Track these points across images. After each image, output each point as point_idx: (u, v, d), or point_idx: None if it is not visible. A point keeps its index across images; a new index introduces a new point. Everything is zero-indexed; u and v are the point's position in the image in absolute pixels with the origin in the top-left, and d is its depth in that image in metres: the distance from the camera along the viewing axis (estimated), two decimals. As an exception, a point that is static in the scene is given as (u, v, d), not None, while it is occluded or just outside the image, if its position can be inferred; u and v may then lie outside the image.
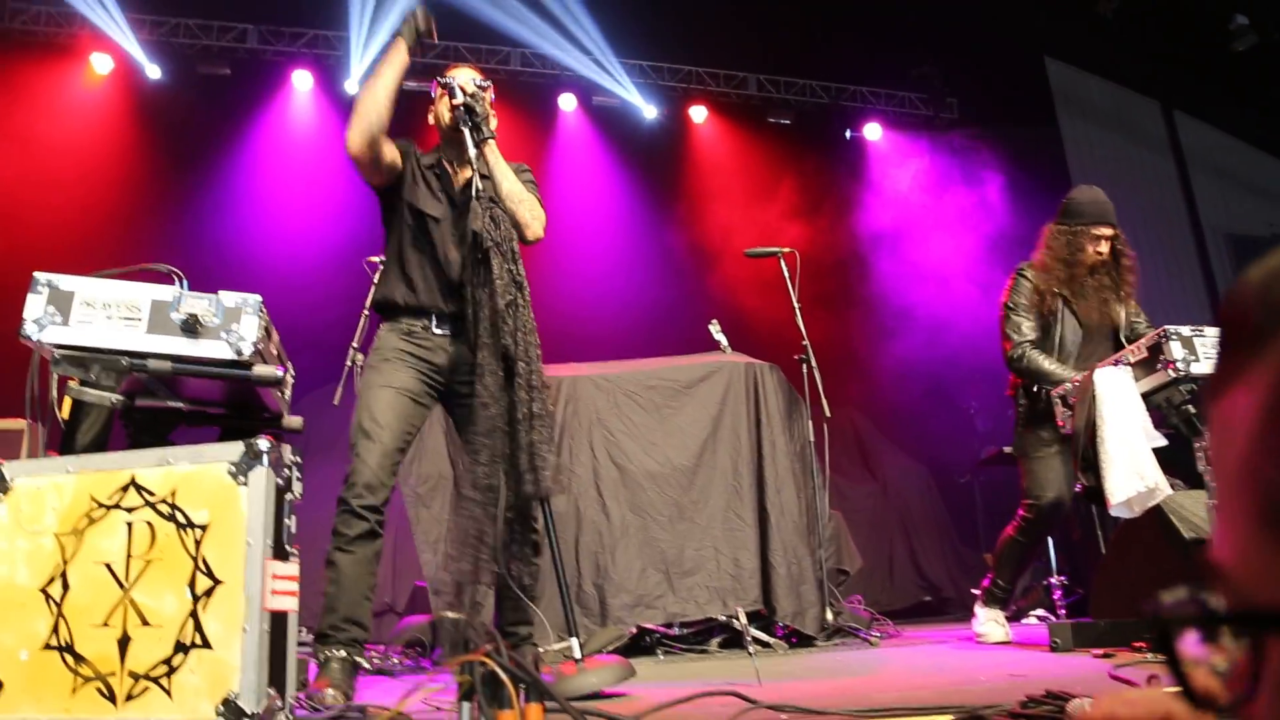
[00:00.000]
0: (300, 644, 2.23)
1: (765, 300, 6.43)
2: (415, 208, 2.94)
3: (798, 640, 4.17)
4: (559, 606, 3.94)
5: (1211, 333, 3.02)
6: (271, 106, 7.99)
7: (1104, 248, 3.80)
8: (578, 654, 2.56)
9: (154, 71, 7.65)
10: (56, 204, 7.00)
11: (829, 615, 4.27)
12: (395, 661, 3.88)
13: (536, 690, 1.20)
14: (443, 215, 2.94)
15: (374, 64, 2.93)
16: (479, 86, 2.95)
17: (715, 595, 4.13)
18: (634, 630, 4.00)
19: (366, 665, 2.61)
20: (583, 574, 4.10)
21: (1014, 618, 4.49)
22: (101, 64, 7.57)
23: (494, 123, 2.96)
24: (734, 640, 4.08)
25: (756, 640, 3.96)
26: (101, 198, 7.19)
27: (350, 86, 8.05)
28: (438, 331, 2.88)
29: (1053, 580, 5.90)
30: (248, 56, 7.97)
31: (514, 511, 2.65)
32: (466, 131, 2.80)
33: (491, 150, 2.85)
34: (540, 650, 3.21)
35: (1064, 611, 5.83)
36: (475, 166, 2.79)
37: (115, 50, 7.56)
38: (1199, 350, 2.97)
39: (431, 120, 3.08)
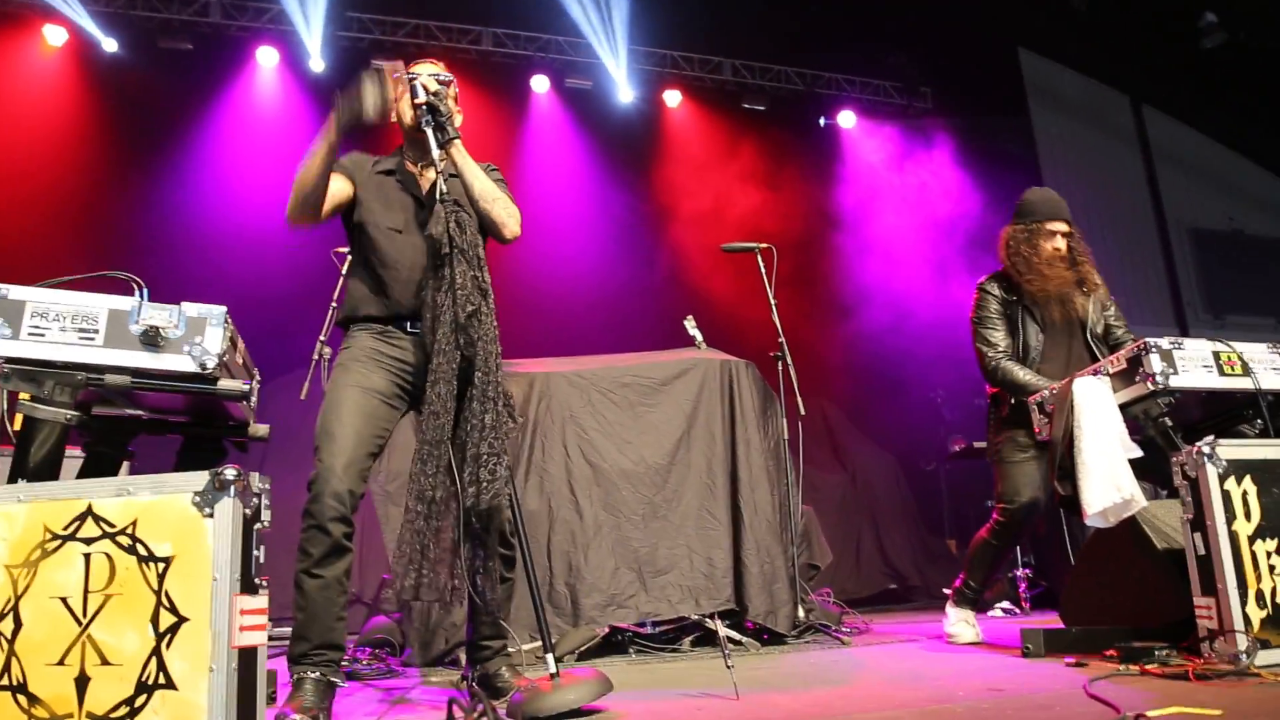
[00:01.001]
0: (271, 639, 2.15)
1: (741, 293, 6.39)
2: (372, 225, 2.82)
3: (769, 637, 4.16)
4: (530, 607, 3.94)
5: (1191, 345, 3.02)
6: (235, 84, 7.77)
7: (1061, 243, 3.89)
8: (552, 668, 2.51)
9: (110, 45, 7.39)
10: (2, 186, 6.74)
11: (800, 613, 4.27)
12: (363, 663, 3.81)
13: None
14: (405, 224, 2.82)
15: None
16: (441, 83, 2.82)
17: (688, 594, 4.10)
18: (606, 630, 3.97)
19: (341, 683, 2.53)
20: (555, 573, 4.05)
21: (980, 609, 4.52)
22: (55, 35, 7.29)
23: (459, 120, 2.85)
24: (706, 639, 4.07)
25: (728, 640, 3.94)
26: (55, 178, 6.94)
27: (315, 65, 7.84)
28: (412, 330, 2.77)
29: (1018, 573, 5.97)
30: (210, 31, 7.74)
31: (480, 524, 2.58)
32: (430, 132, 2.69)
33: (458, 151, 2.74)
34: (512, 653, 3.17)
35: (1029, 604, 5.91)
36: (440, 167, 2.69)
37: (69, 22, 7.28)
38: (1178, 363, 2.97)
39: (392, 117, 2.90)
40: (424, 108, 2.71)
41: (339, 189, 2.82)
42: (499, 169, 3.03)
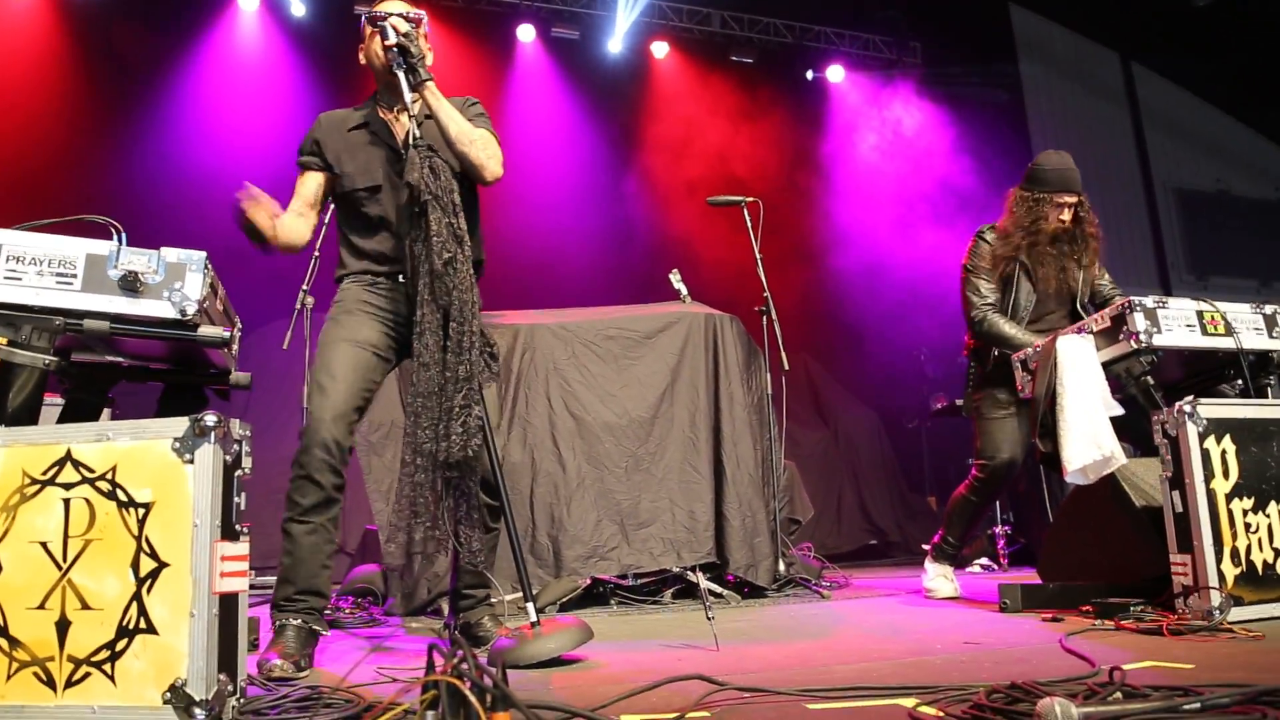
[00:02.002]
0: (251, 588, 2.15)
1: (726, 247, 6.36)
2: (351, 189, 2.80)
3: (749, 590, 4.20)
4: (511, 557, 3.96)
5: (1175, 304, 3.03)
6: (215, 28, 7.58)
7: (1066, 215, 3.80)
8: (533, 617, 2.52)
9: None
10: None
11: (781, 566, 4.31)
12: (346, 612, 3.83)
13: (505, 701, 1.15)
14: (383, 177, 2.78)
15: None
16: (410, 20, 2.72)
17: (670, 547, 4.13)
18: (588, 581, 4.00)
19: (324, 631, 2.54)
20: (537, 525, 4.07)
21: (958, 565, 4.58)
22: (25, -28, 7.08)
23: (430, 59, 2.77)
24: (688, 591, 4.11)
25: (710, 592, 3.98)
26: (30, 124, 6.78)
27: (297, 10, 7.68)
28: (402, 281, 2.75)
29: (996, 530, 6.05)
30: (190, -31, 7.56)
31: (458, 474, 2.56)
32: (401, 75, 2.62)
33: (432, 93, 2.67)
34: (494, 602, 3.19)
35: (1006, 560, 5.99)
36: (412, 111, 2.63)
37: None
38: (1161, 322, 2.98)
39: (363, 60, 2.87)
40: (394, 49, 2.62)
41: (315, 185, 2.85)
42: (480, 102, 2.96)
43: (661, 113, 8.80)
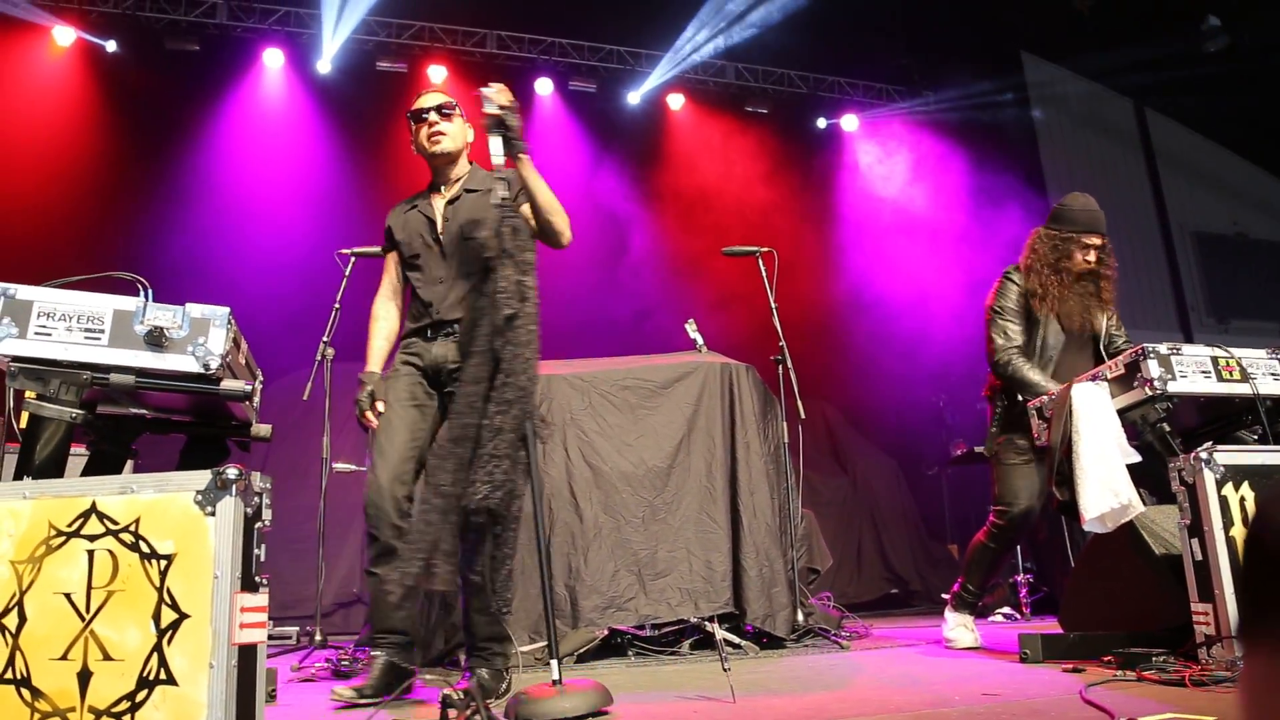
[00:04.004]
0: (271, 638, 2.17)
1: (742, 297, 6.40)
2: (409, 262, 3.21)
3: (768, 641, 4.16)
4: (529, 609, 3.96)
5: (1189, 351, 3.03)
6: (242, 85, 7.80)
7: (1092, 257, 3.80)
8: (555, 674, 2.52)
9: (111, 45, 7.42)
10: (10, 186, 6.77)
11: (799, 616, 4.28)
12: (361, 663, 3.82)
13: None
14: (421, 247, 3.15)
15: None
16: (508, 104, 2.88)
17: (687, 597, 4.11)
18: (605, 632, 3.98)
19: (410, 666, 2.90)
20: (554, 575, 4.07)
21: (980, 615, 4.53)
22: (63, 36, 7.33)
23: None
24: (705, 641, 4.08)
25: (727, 643, 3.95)
26: (61, 179, 6.97)
27: (322, 67, 7.88)
28: (429, 337, 3.09)
29: (1018, 578, 5.97)
30: (217, 32, 7.79)
31: (483, 520, 2.60)
32: (498, 140, 2.76)
33: (527, 163, 2.86)
34: (511, 654, 3.18)
35: (1029, 609, 5.91)
36: (499, 174, 2.74)
37: (76, 21, 7.32)
38: (1175, 368, 2.98)
39: (415, 150, 3.24)
40: (492, 119, 2.75)
41: (394, 265, 3.29)
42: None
43: (677, 164, 8.92)
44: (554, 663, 2.49)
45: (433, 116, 3.10)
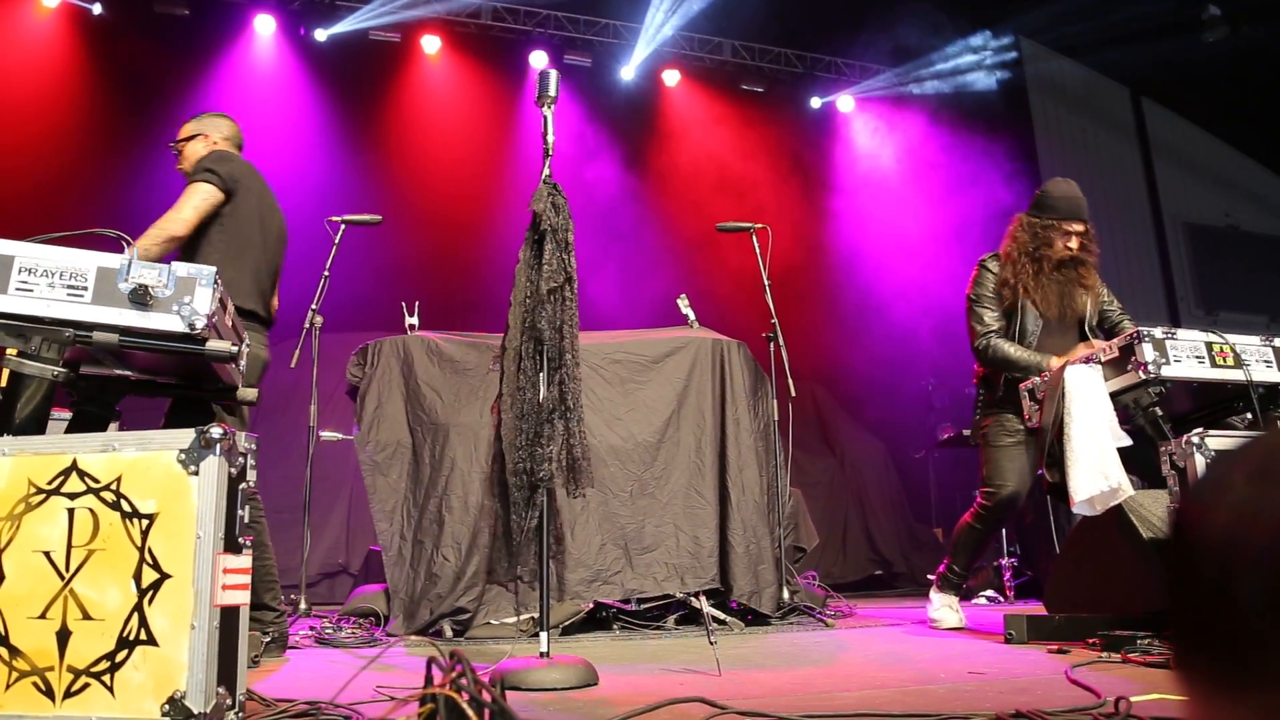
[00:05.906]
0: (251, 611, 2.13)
1: (735, 273, 6.37)
2: None
3: (753, 618, 4.17)
4: (518, 583, 3.94)
5: (1184, 335, 3.02)
6: (232, 51, 7.68)
7: (1074, 243, 3.79)
8: (544, 647, 2.51)
9: (97, 8, 7.28)
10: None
11: (785, 594, 4.28)
12: (347, 632, 3.82)
13: (502, 717, 1.14)
14: None
15: None
16: None
17: (673, 572, 4.11)
18: (591, 605, 3.98)
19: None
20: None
21: (964, 597, 4.55)
22: (49, -4, 7.19)
23: None
24: (690, 617, 4.08)
25: (713, 619, 3.96)
26: (46, 141, 6.86)
27: (319, 35, 7.78)
28: None
29: (1003, 561, 5.99)
30: (207, -5, 7.66)
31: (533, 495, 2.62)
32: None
33: None
34: (494, 624, 3.18)
35: (1013, 592, 5.94)
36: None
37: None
38: (1170, 353, 2.97)
39: None
40: None
41: None
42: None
43: (672, 140, 8.86)
44: (543, 634, 2.47)
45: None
